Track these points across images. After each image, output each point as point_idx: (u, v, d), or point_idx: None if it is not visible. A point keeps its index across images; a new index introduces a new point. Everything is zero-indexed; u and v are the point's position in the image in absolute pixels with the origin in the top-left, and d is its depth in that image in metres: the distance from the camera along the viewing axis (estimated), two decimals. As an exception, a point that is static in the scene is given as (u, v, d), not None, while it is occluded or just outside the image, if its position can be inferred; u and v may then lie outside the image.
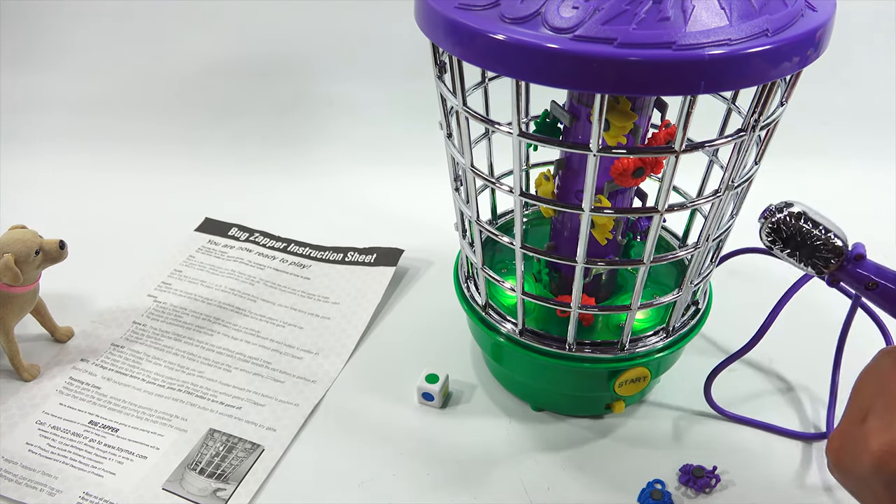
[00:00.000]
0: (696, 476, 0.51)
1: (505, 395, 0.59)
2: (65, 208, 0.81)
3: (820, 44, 0.37)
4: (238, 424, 0.56)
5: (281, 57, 0.92)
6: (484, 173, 0.45)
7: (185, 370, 0.61)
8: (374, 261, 0.73)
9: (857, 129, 0.89)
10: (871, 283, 0.37)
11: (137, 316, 0.66)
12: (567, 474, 0.52)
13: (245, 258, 0.74)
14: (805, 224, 0.39)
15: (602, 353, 0.50)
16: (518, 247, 0.46)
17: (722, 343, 0.64)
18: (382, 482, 0.52)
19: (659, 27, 0.34)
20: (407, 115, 0.90)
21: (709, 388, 0.56)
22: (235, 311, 0.67)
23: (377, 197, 0.85)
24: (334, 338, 0.64)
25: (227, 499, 0.50)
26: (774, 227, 0.39)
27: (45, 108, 0.93)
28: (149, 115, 0.93)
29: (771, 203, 0.40)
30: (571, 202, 0.50)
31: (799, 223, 0.39)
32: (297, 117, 0.93)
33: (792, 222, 0.39)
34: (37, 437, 0.54)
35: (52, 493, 0.50)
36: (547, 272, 0.55)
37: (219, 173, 0.88)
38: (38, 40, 0.92)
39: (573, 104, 0.47)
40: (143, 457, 0.53)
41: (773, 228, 0.39)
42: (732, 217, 0.49)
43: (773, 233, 0.39)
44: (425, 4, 0.40)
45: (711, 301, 0.55)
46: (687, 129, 0.38)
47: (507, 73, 0.37)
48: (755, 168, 0.46)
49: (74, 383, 0.59)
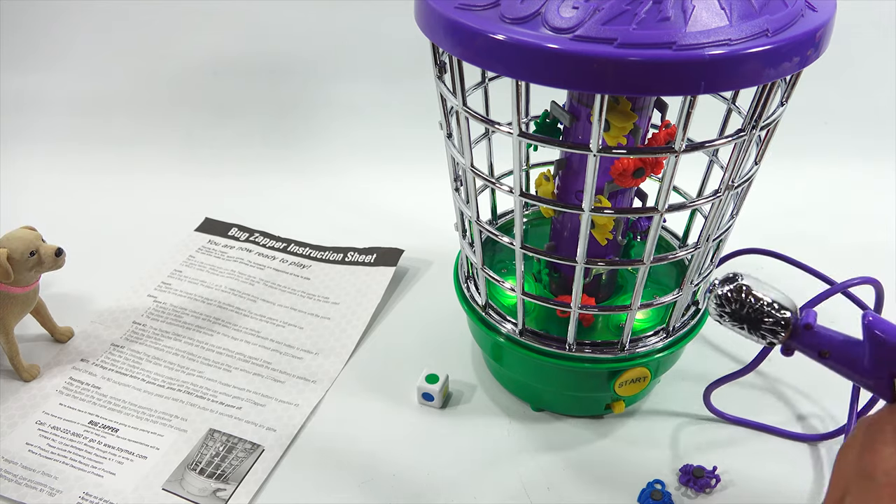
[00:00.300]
0: (696, 476, 0.51)
1: (505, 395, 0.59)
2: (65, 208, 0.81)
3: (820, 44, 0.37)
4: (238, 424, 0.56)
5: (281, 57, 0.92)
6: (484, 173, 0.45)
7: (185, 370, 0.61)
8: (374, 261, 0.73)
9: (857, 129, 0.89)
10: (824, 351, 0.36)
11: (137, 316, 0.66)
12: (567, 474, 0.52)
13: (245, 258, 0.74)
14: (748, 298, 0.38)
15: (602, 353, 0.50)
16: (518, 247, 0.46)
17: (722, 343, 0.64)
18: (382, 482, 0.52)
19: (659, 27, 0.34)
20: (407, 115, 0.90)
21: (708, 397, 0.56)
22: (235, 311, 0.67)
23: (377, 197, 0.85)
24: (334, 338, 0.64)
25: (227, 499, 0.50)
26: (719, 301, 0.39)
27: (45, 108, 0.93)
28: (149, 115, 0.93)
29: (716, 277, 0.40)
30: (571, 202, 0.50)
31: (741, 296, 0.38)
32: (297, 117, 0.93)
33: (736, 296, 0.38)
34: (37, 437, 0.54)
35: (52, 493, 0.50)
36: (547, 272, 0.55)
37: (219, 173, 0.88)
38: (38, 40, 0.92)
39: (573, 104, 0.47)
40: (143, 457, 0.53)
41: (718, 303, 0.39)
42: (732, 217, 0.48)
43: (718, 307, 0.39)
44: (425, 4, 0.40)
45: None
46: (687, 129, 0.38)
47: (507, 74, 0.37)
48: (755, 168, 0.46)
49: (74, 383, 0.59)
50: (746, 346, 0.62)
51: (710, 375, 0.61)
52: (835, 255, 0.75)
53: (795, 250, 0.61)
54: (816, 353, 0.37)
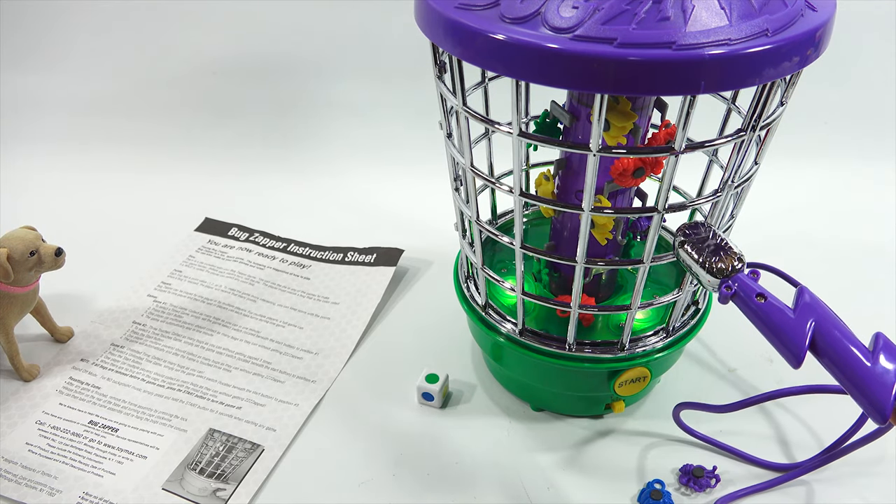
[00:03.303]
0: (696, 476, 0.51)
1: (505, 395, 0.59)
2: (65, 208, 0.81)
3: (820, 44, 0.37)
4: (238, 424, 0.56)
5: (281, 57, 0.92)
6: (484, 173, 0.45)
7: (185, 370, 0.61)
8: (374, 261, 0.73)
9: (857, 129, 0.89)
10: (760, 294, 0.38)
11: (137, 316, 0.66)
12: (567, 474, 0.52)
13: (245, 258, 0.74)
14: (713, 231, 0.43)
15: (602, 353, 0.50)
16: (518, 247, 0.46)
17: (722, 343, 0.64)
18: (382, 482, 0.52)
19: (659, 27, 0.34)
20: (407, 115, 0.90)
21: (677, 415, 0.53)
22: (235, 311, 0.67)
23: (377, 197, 0.85)
24: (334, 338, 0.64)
25: (227, 499, 0.50)
26: (685, 231, 0.43)
27: (45, 108, 0.93)
28: (149, 115, 0.93)
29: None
30: (571, 202, 0.50)
31: (709, 230, 0.42)
32: (297, 117, 0.93)
33: (704, 227, 0.43)
34: (37, 437, 0.54)
35: (52, 493, 0.50)
36: (547, 272, 0.55)
37: (219, 173, 0.88)
38: (38, 40, 0.92)
39: (573, 104, 0.47)
40: (142, 457, 0.53)
41: (684, 233, 0.43)
42: (732, 217, 0.48)
43: (684, 235, 0.42)
44: (425, 4, 0.40)
45: (711, 301, 0.55)
46: (687, 129, 0.38)
47: (507, 73, 0.37)
48: (755, 168, 0.46)
49: (74, 383, 0.59)
50: (747, 345, 0.62)
51: (711, 375, 0.61)
52: (834, 255, 0.75)
53: (795, 250, 0.61)
54: (753, 296, 0.38)
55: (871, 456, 0.53)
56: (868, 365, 0.34)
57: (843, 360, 0.35)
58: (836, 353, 0.35)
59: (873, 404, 0.33)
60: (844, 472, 0.52)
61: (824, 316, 0.36)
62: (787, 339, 0.36)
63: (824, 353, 0.35)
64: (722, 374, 0.61)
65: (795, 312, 0.37)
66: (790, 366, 0.36)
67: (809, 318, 0.36)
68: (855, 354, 0.34)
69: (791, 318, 0.37)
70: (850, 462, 0.51)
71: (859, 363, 0.34)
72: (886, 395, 0.33)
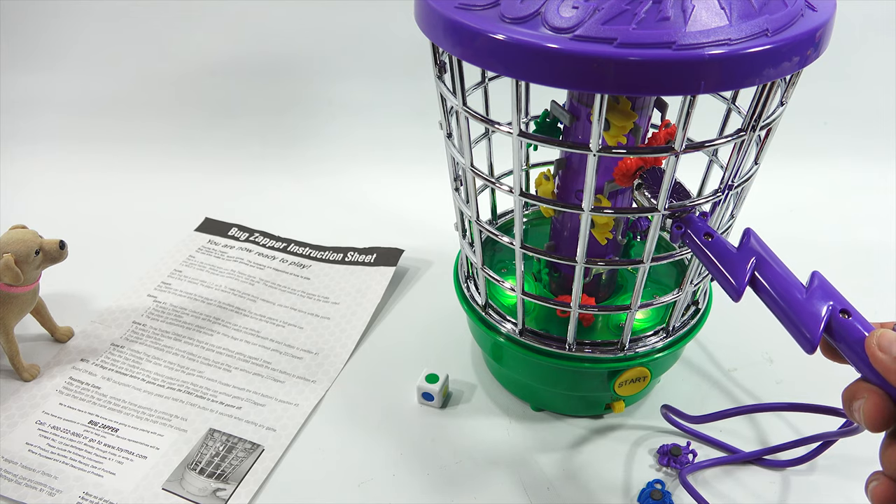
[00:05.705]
0: (675, 454, 0.52)
1: (505, 395, 0.59)
2: (64, 208, 0.81)
3: (820, 44, 0.37)
4: (238, 424, 0.56)
5: (281, 57, 0.92)
6: (484, 173, 0.45)
7: (185, 370, 0.61)
8: (374, 261, 0.73)
9: (857, 129, 0.89)
10: (708, 233, 0.41)
11: (137, 316, 0.66)
12: (567, 474, 0.52)
13: (245, 258, 0.74)
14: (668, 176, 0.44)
15: (602, 353, 0.50)
16: (518, 247, 0.46)
17: (722, 343, 0.64)
18: (382, 482, 0.52)
19: (659, 27, 0.34)
20: (407, 115, 0.90)
21: (665, 413, 0.55)
22: (235, 311, 0.67)
23: (377, 197, 0.85)
24: (334, 338, 0.64)
25: (227, 499, 0.50)
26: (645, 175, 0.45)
27: (45, 108, 0.93)
28: (149, 115, 0.93)
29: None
30: (571, 202, 0.50)
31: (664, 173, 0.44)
32: (297, 117, 0.93)
33: (661, 171, 0.45)
34: (37, 437, 0.54)
35: (52, 493, 0.50)
36: (547, 272, 0.55)
37: (219, 173, 0.88)
38: (38, 40, 0.92)
39: (573, 104, 0.47)
40: (142, 457, 0.53)
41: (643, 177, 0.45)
42: (732, 217, 0.48)
43: (643, 179, 0.45)
44: (425, 4, 0.40)
45: (711, 301, 0.55)
46: (687, 129, 0.38)
47: (506, 73, 0.37)
48: (755, 168, 0.46)
49: (74, 383, 0.59)
50: (747, 345, 0.62)
51: (710, 375, 0.61)
52: (834, 255, 0.75)
53: (795, 250, 0.60)
54: (702, 234, 0.41)
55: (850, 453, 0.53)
56: (801, 299, 0.36)
57: (779, 294, 0.37)
58: (774, 287, 0.37)
59: (804, 334, 0.35)
60: (823, 464, 0.53)
61: (765, 254, 0.38)
62: (730, 273, 0.38)
63: (762, 288, 0.37)
64: (722, 375, 0.61)
65: (739, 251, 0.39)
66: (731, 299, 0.38)
67: (751, 256, 0.38)
68: (790, 289, 0.36)
69: (735, 254, 0.39)
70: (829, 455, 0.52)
71: (794, 297, 0.36)
72: (815, 326, 0.35)
